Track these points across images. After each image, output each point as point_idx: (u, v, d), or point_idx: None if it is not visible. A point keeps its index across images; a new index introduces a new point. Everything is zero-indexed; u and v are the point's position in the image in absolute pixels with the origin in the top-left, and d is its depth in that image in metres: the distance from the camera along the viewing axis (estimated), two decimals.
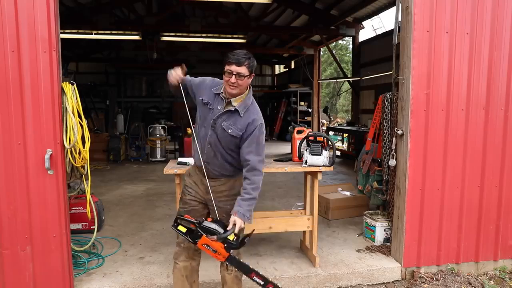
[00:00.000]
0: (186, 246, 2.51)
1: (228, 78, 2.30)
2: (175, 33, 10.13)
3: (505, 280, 3.43)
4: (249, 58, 2.32)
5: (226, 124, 2.36)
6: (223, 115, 2.37)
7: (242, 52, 2.32)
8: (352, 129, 9.76)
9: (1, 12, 2.62)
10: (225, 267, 2.56)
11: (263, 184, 2.45)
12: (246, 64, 2.29)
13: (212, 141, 2.41)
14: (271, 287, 2.33)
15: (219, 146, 2.41)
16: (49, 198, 2.80)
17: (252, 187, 2.34)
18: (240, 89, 2.35)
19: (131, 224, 4.62)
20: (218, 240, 2.21)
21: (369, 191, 4.40)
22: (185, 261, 2.53)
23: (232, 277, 2.57)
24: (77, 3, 9.98)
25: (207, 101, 2.42)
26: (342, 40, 19.30)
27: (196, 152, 2.49)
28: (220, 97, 2.40)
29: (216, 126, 2.38)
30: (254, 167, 2.34)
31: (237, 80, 2.29)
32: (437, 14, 3.21)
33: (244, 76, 2.29)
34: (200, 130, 2.47)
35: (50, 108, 2.73)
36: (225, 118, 2.37)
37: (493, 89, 3.39)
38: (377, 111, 4.24)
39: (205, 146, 2.43)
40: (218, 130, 2.38)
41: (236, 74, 2.27)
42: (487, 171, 3.44)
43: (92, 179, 3.34)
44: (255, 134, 2.35)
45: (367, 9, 9.70)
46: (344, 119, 16.91)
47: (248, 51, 2.37)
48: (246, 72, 2.30)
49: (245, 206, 2.32)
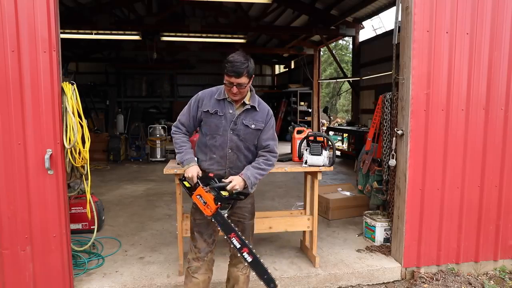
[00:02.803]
0: (208, 258, 2.52)
1: (229, 88, 2.35)
2: (175, 33, 10.13)
3: (505, 280, 3.43)
4: (248, 66, 2.30)
5: (247, 121, 2.45)
6: (241, 115, 2.45)
7: (239, 60, 2.28)
8: (352, 129, 9.76)
9: (1, 12, 2.62)
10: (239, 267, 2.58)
11: (263, 184, 2.47)
12: (246, 74, 2.30)
13: (233, 145, 2.45)
14: (246, 251, 2.32)
15: (241, 147, 2.47)
16: (49, 198, 2.80)
17: (266, 162, 2.47)
18: (243, 95, 2.43)
19: (131, 224, 4.62)
20: (210, 191, 2.28)
21: (369, 191, 4.40)
22: (204, 274, 2.52)
23: (244, 277, 2.61)
24: (77, 3, 9.98)
25: (215, 109, 2.44)
26: (342, 40, 19.30)
27: (213, 164, 2.48)
28: (227, 101, 2.45)
29: (237, 128, 2.43)
30: (272, 150, 2.51)
31: (238, 90, 2.34)
32: (437, 14, 3.21)
33: (245, 85, 2.34)
34: (215, 140, 2.46)
35: (50, 108, 2.73)
36: (244, 117, 2.45)
37: (493, 89, 3.39)
38: (377, 111, 4.24)
39: (226, 153, 2.45)
40: (240, 130, 2.44)
41: (237, 84, 2.31)
42: (487, 171, 3.44)
43: (92, 179, 3.34)
44: (271, 122, 2.53)
45: (367, 9, 9.70)
46: (344, 119, 16.91)
47: (245, 55, 2.34)
48: (246, 80, 2.33)
49: (253, 172, 2.41)
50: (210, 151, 2.48)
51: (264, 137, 2.50)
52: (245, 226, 2.56)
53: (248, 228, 2.60)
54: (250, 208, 2.60)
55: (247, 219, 2.58)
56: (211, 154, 2.48)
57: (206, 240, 2.50)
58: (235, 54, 2.34)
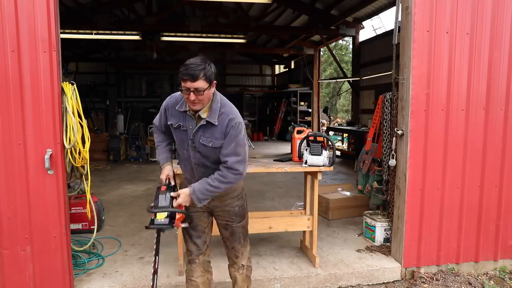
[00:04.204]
0: (201, 260, 2.49)
1: (186, 95, 2.11)
2: (175, 33, 10.13)
3: (505, 280, 3.43)
4: (204, 68, 2.07)
5: (204, 139, 2.22)
6: (197, 132, 2.23)
7: (195, 62, 2.07)
8: (352, 129, 9.76)
9: (1, 12, 2.62)
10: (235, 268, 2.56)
11: (263, 184, 2.46)
12: (202, 77, 2.06)
13: (197, 161, 2.31)
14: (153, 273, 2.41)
15: (207, 162, 2.30)
16: (49, 198, 2.80)
17: (219, 179, 2.20)
18: (203, 103, 2.17)
19: (131, 224, 4.62)
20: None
21: (369, 191, 4.40)
22: (202, 276, 2.49)
23: (243, 277, 2.57)
24: (77, 3, 9.98)
25: (178, 123, 2.28)
26: (342, 40, 19.32)
27: (187, 173, 2.45)
28: (188, 115, 2.24)
29: (196, 145, 2.25)
30: (231, 166, 2.20)
31: (196, 96, 2.09)
32: (437, 14, 3.21)
33: (203, 90, 2.08)
34: (182, 153, 2.36)
35: (50, 108, 2.73)
36: (202, 134, 2.22)
37: (493, 89, 3.39)
38: (377, 111, 4.24)
39: (193, 167, 2.34)
40: (199, 148, 2.25)
41: (194, 90, 2.07)
42: (487, 171, 3.44)
43: (92, 179, 3.34)
44: (232, 134, 2.19)
45: (367, 9, 9.70)
46: (344, 119, 16.92)
47: (203, 58, 2.13)
48: (204, 85, 2.08)
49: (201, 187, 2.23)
50: (181, 161, 2.43)
51: (223, 152, 2.21)
52: (233, 230, 2.48)
53: (237, 231, 2.48)
54: (238, 211, 2.46)
55: (235, 222, 2.46)
56: (182, 164, 2.44)
57: (195, 243, 2.46)
58: (192, 58, 2.14)
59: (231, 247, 2.53)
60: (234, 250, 2.52)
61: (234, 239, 2.50)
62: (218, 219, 2.49)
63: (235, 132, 2.20)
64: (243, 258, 2.55)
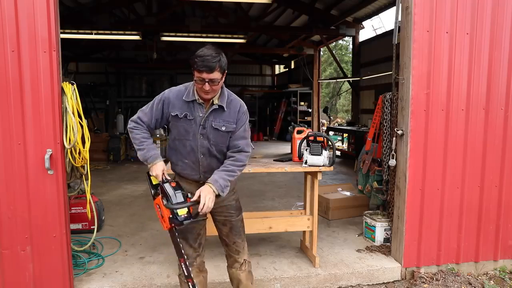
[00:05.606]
0: (198, 262, 2.49)
1: (201, 85, 2.16)
2: (175, 33, 10.12)
3: (505, 280, 3.43)
4: (220, 59, 2.12)
5: (216, 123, 2.28)
6: (209, 117, 2.27)
7: (210, 54, 2.10)
8: (352, 129, 9.77)
9: (1, 12, 2.62)
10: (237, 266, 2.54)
11: (263, 184, 2.46)
12: (218, 68, 2.11)
13: (204, 150, 2.30)
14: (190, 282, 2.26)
15: (213, 151, 2.32)
16: (49, 198, 2.79)
17: (233, 163, 2.29)
18: (215, 92, 2.24)
19: (131, 224, 4.62)
20: (166, 207, 2.10)
21: (369, 191, 4.40)
22: (197, 277, 2.47)
23: (246, 274, 2.56)
24: (77, 3, 9.98)
25: (184, 113, 2.27)
26: (342, 40, 19.34)
27: (186, 169, 2.37)
28: (197, 103, 2.27)
29: (206, 132, 2.28)
30: (242, 149, 2.33)
31: (211, 87, 2.15)
32: (437, 14, 3.21)
33: (217, 81, 2.15)
34: (185, 146, 2.32)
35: (50, 108, 2.73)
36: (213, 119, 2.28)
37: (493, 89, 3.39)
38: (377, 111, 4.24)
39: (198, 158, 2.32)
40: (209, 134, 2.28)
41: (209, 81, 2.12)
42: (487, 171, 3.44)
43: (92, 179, 3.34)
44: (243, 119, 2.34)
45: (367, 9, 9.71)
46: (344, 119, 16.92)
47: (216, 48, 2.15)
48: (219, 76, 2.14)
49: (221, 174, 2.23)
50: (181, 155, 2.35)
51: (236, 135, 2.32)
52: (233, 224, 2.49)
53: (237, 225, 2.50)
54: (235, 204, 2.50)
55: (235, 216, 2.48)
56: (182, 159, 2.35)
57: (192, 246, 2.44)
58: (204, 48, 2.15)
59: (231, 243, 2.52)
60: (235, 245, 2.52)
61: (234, 233, 2.50)
62: (216, 216, 2.49)
63: (245, 117, 2.37)
64: (244, 252, 2.55)
